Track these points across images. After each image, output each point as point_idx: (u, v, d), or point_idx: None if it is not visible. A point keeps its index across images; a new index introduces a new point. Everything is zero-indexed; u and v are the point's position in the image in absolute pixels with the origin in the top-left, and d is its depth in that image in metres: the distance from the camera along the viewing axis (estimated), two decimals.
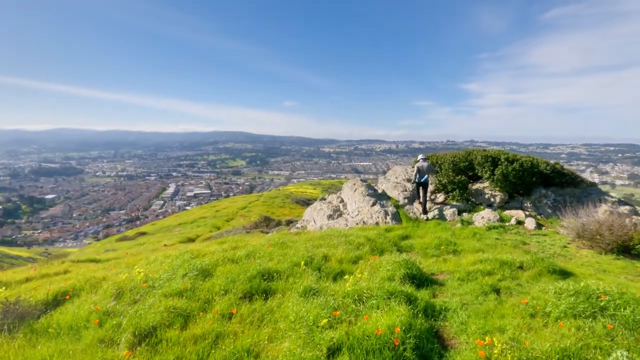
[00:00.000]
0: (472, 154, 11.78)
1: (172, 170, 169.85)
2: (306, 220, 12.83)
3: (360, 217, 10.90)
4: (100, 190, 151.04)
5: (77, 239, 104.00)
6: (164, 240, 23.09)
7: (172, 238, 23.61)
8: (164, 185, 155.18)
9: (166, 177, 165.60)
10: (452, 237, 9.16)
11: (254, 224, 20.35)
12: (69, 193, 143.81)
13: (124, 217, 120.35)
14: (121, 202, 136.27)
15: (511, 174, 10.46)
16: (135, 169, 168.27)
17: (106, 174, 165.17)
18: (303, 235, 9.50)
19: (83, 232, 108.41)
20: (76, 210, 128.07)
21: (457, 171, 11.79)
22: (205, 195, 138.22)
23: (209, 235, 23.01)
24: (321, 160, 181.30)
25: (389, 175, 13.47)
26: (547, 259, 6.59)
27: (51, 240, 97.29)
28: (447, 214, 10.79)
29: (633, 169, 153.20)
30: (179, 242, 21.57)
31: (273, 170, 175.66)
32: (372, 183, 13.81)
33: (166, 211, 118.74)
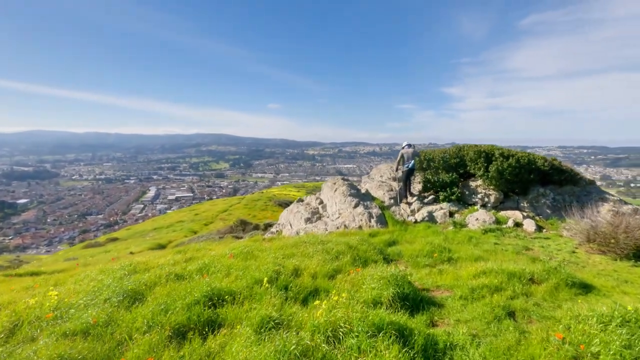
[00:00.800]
0: (464, 149, 10.71)
1: (152, 173, 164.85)
2: (282, 224, 11.46)
3: (342, 220, 9.61)
4: (77, 194, 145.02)
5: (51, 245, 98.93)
6: (132, 247, 21.25)
7: (142, 244, 21.76)
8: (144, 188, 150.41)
9: (147, 181, 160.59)
10: (445, 242, 7.98)
11: (229, 228, 18.81)
12: (43, 197, 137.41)
13: (102, 222, 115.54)
14: (99, 206, 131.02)
15: (507, 170, 9.41)
16: (114, 172, 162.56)
17: (83, 178, 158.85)
18: (275, 242, 8.14)
19: (58, 237, 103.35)
20: (50, 215, 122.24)
21: (448, 168, 10.68)
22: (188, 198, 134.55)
23: (183, 240, 21.30)
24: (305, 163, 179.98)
25: (374, 174, 12.27)
26: (563, 269, 5.45)
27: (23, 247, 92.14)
28: (438, 216, 9.64)
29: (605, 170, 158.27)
30: (148, 248, 19.75)
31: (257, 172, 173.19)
32: (355, 184, 12.58)
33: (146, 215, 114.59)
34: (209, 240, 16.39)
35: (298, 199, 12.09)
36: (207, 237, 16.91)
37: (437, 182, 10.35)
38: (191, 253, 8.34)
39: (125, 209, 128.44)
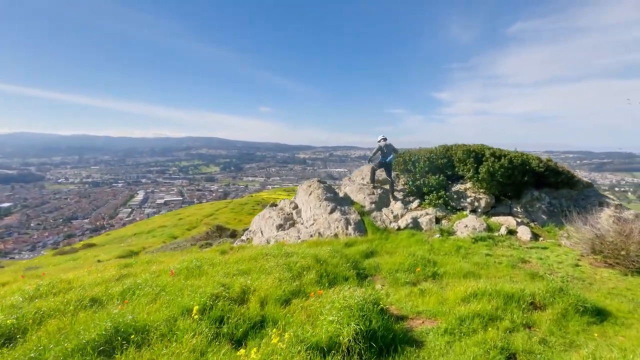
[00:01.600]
0: (452, 149, 9.72)
1: (141, 176, 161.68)
2: (253, 231, 10.30)
3: (316, 228, 8.51)
4: (63, 197, 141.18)
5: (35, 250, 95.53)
6: (102, 255, 19.80)
7: (113, 251, 20.30)
8: (133, 192, 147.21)
9: (135, 184, 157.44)
10: (431, 253, 6.93)
11: (205, 234, 17.55)
12: (27, 201, 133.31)
13: (88, 227, 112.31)
14: (85, 210, 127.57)
15: (499, 172, 8.43)
16: (101, 176, 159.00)
17: (69, 181, 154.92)
18: (235, 255, 6.98)
19: (41, 242, 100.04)
20: (34, 219, 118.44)
21: (434, 170, 9.67)
22: (177, 202, 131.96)
23: (157, 247, 19.94)
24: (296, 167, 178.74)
25: (355, 176, 11.21)
26: (570, 290, 4.42)
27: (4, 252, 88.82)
28: (423, 222, 8.60)
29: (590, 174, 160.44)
30: (118, 256, 18.34)
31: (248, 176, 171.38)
32: (337, 188, 11.50)
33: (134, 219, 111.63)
34: (180, 248, 15.12)
35: (271, 203, 10.95)
36: (179, 245, 15.64)
37: (423, 185, 9.32)
38: (138, 267, 7.15)
39: (113, 213, 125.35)
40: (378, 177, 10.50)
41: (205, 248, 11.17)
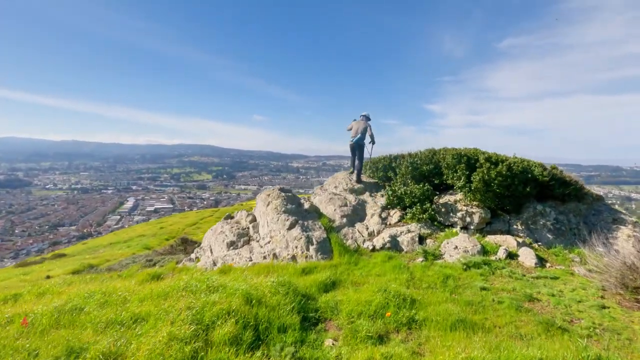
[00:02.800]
0: (439, 153, 8.12)
1: (132, 183, 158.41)
2: (203, 248, 8.53)
3: (271, 247, 6.78)
4: (50, 204, 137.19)
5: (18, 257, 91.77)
6: (56, 268, 17.74)
7: (69, 265, 18.24)
8: (122, 199, 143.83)
9: (125, 191, 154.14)
10: (410, 285, 5.25)
11: (169, 247, 15.66)
12: (12, 207, 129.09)
13: (74, 234, 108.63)
14: (72, 217, 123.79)
15: (496, 180, 6.83)
16: (91, 182, 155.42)
17: (58, 187, 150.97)
18: (150, 287, 5.22)
19: (25, 250, 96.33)
20: (19, 225, 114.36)
21: (419, 177, 8.05)
22: (167, 209, 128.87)
23: (121, 260, 17.94)
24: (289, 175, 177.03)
25: (328, 184, 9.55)
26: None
27: None
28: (404, 242, 6.93)
29: None
30: (73, 271, 16.26)
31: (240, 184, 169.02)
32: (308, 196, 9.82)
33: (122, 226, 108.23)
34: (132, 264, 13.24)
35: (226, 215, 9.19)
36: (133, 261, 13.75)
37: (405, 196, 7.67)
38: (27, 298, 5.35)
39: (101, 220, 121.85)
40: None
41: (151, 267, 9.36)
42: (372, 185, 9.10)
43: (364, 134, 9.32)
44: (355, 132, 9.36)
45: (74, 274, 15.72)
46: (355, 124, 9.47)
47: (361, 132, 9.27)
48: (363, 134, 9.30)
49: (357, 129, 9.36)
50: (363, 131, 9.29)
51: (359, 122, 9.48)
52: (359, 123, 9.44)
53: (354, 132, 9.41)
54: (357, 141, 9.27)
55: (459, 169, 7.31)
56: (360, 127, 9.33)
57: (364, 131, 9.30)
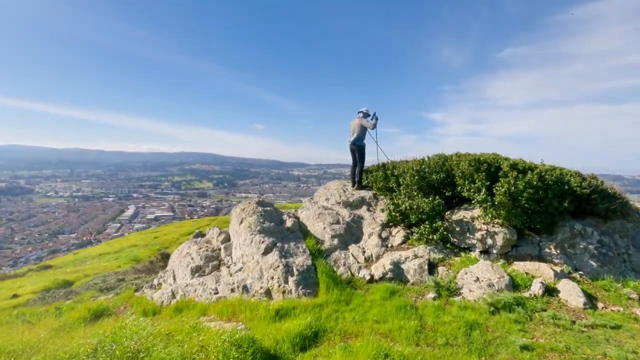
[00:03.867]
0: (451, 159, 6.65)
1: (133, 191, 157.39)
2: (168, 272, 7.04)
3: (242, 277, 5.30)
4: (50, 211, 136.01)
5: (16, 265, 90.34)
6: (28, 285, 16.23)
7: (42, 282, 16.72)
8: (123, 207, 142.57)
9: (126, 199, 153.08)
10: (421, 339, 3.75)
11: (149, 263, 14.18)
12: (12, 214, 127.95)
13: (74, 242, 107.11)
14: (73, 224, 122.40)
15: (525, 193, 5.37)
16: (92, 190, 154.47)
17: (59, 194, 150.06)
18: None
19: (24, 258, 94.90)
20: (19, 233, 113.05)
21: (427, 189, 6.57)
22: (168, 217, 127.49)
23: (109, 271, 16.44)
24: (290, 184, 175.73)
25: (319, 196, 8.08)
26: None
27: None
28: (410, 270, 5.44)
29: None
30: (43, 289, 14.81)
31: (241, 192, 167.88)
32: (295, 208, 8.34)
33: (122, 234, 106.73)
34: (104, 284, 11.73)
35: (196, 232, 7.73)
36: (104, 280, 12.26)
37: (410, 211, 6.19)
38: None
39: (101, 228, 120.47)
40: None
41: (108, 292, 7.89)
42: (370, 197, 7.64)
43: (361, 134, 8.05)
44: (352, 132, 8.13)
45: (44, 292, 14.23)
46: (352, 124, 8.24)
47: (357, 131, 8.01)
48: (360, 133, 8.03)
49: (353, 129, 8.14)
50: (359, 130, 8.02)
51: (354, 121, 8.24)
52: (354, 122, 8.20)
53: (351, 132, 8.19)
54: (354, 142, 8.10)
55: (477, 178, 5.85)
56: (355, 126, 8.08)
57: (360, 130, 8.03)
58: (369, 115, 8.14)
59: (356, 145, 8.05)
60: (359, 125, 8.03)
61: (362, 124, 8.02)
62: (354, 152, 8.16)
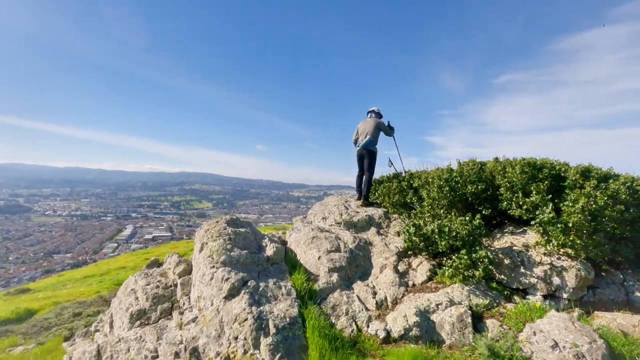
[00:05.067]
0: (490, 166, 4.95)
1: (131, 210, 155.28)
2: (109, 314, 5.19)
3: (194, 333, 3.49)
4: (47, 230, 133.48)
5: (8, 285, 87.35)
6: None
7: (3, 310, 14.67)
8: (121, 226, 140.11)
9: (124, 218, 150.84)
10: None
11: (108, 295, 12.24)
12: (9, 233, 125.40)
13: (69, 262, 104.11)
14: (69, 244, 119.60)
15: (609, 210, 3.67)
16: (91, 209, 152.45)
17: (57, 213, 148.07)
18: None
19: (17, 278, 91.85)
20: (14, 252, 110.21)
21: (461, 204, 4.83)
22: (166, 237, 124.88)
23: (80, 301, 14.39)
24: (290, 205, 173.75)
25: (313, 214, 6.28)
26: None
27: None
28: (445, 324, 3.63)
29: None
30: (4, 319, 12.69)
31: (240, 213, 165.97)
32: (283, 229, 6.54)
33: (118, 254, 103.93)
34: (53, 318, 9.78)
35: (151, 261, 5.91)
36: (60, 312, 10.32)
37: (438, 235, 4.41)
38: None
39: (97, 247, 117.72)
40: None
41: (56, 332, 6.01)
42: (380, 216, 5.87)
43: (376, 136, 6.49)
44: (363, 134, 6.53)
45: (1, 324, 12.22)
46: (362, 125, 6.68)
47: (372, 133, 6.42)
48: (374, 135, 6.46)
49: (366, 130, 6.53)
50: (374, 131, 6.45)
51: (366, 121, 6.70)
52: (366, 122, 6.65)
53: (362, 134, 6.59)
54: (366, 146, 6.44)
55: (534, 190, 4.11)
56: (369, 127, 6.50)
57: (375, 131, 6.46)
58: (381, 116, 6.64)
59: (367, 150, 6.40)
60: (373, 126, 6.42)
61: (378, 125, 6.47)
62: (363, 158, 6.53)
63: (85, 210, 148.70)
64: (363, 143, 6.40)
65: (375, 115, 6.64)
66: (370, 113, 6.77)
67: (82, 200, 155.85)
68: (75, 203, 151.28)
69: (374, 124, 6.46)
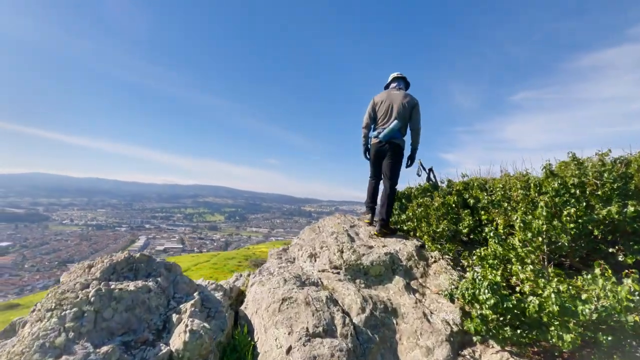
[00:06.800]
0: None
1: (145, 221, 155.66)
2: None
3: None
4: (63, 239, 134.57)
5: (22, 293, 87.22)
6: None
7: None
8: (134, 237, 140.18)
9: (138, 229, 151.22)
10: None
11: None
12: (26, 241, 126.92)
13: None
14: (83, 253, 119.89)
15: None
16: (106, 219, 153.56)
17: (74, 223, 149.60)
18: None
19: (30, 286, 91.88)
20: (30, 260, 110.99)
21: (582, 245, 2.35)
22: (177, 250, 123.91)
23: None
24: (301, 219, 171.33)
25: (298, 247, 3.85)
26: None
27: None
28: None
29: None
30: None
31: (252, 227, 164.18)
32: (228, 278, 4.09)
33: None
34: None
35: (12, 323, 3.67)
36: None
37: (559, 316, 1.96)
38: None
39: None
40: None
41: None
42: (410, 255, 3.35)
43: (406, 122, 3.76)
44: (387, 115, 3.77)
45: None
46: (385, 99, 3.84)
47: (402, 115, 3.69)
48: (405, 120, 3.74)
49: (392, 109, 3.73)
50: (405, 114, 3.71)
51: (392, 93, 3.85)
52: (392, 96, 3.82)
53: (385, 115, 3.80)
54: (392, 136, 3.72)
55: None
56: (397, 105, 3.71)
57: (407, 113, 3.71)
58: (409, 87, 4.14)
59: (393, 144, 3.73)
60: (405, 105, 3.68)
61: (413, 105, 3.72)
62: (382, 156, 3.82)
63: (100, 220, 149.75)
64: (387, 131, 3.64)
65: (404, 87, 4.00)
66: (397, 81, 3.95)
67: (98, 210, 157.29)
68: (92, 213, 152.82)
69: (407, 102, 3.69)
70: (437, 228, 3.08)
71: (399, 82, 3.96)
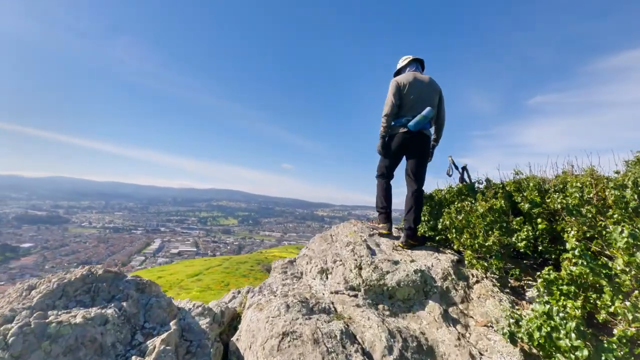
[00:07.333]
0: None
1: (160, 225, 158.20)
2: None
3: None
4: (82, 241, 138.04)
5: None
6: None
7: None
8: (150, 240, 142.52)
9: (153, 232, 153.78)
10: None
11: None
12: (47, 242, 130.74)
13: None
14: (100, 255, 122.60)
15: None
16: (123, 222, 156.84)
17: (92, 225, 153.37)
18: None
19: None
20: (50, 261, 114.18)
21: None
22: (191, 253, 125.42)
23: None
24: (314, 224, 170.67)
25: (307, 259, 3.20)
26: None
27: None
28: None
29: None
30: None
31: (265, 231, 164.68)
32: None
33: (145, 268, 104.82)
34: None
35: None
36: None
37: None
38: None
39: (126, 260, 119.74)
40: None
41: None
42: (447, 273, 2.68)
43: (430, 112, 2.96)
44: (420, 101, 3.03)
45: None
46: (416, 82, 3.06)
47: (435, 100, 3.11)
48: (435, 107, 3.10)
49: (423, 95, 3.03)
50: (436, 100, 3.13)
51: (418, 75, 3.10)
52: (420, 78, 3.09)
53: (416, 101, 3.03)
54: (422, 125, 2.99)
55: None
56: (428, 92, 3.06)
57: (436, 101, 3.13)
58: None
59: (422, 135, 3.08)
60: (433, 88, 3.12)
61: (440, 93, 3.17)
62: (407, 148, 3.13)
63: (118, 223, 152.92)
64: (420, 118, 2.93)
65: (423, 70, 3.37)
66: (414, 64, 3.26)
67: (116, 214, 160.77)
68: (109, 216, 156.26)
69: (435, 90, 3.13)
70: (485, 241, 2.39)
71: (417, 67, 3.31)
